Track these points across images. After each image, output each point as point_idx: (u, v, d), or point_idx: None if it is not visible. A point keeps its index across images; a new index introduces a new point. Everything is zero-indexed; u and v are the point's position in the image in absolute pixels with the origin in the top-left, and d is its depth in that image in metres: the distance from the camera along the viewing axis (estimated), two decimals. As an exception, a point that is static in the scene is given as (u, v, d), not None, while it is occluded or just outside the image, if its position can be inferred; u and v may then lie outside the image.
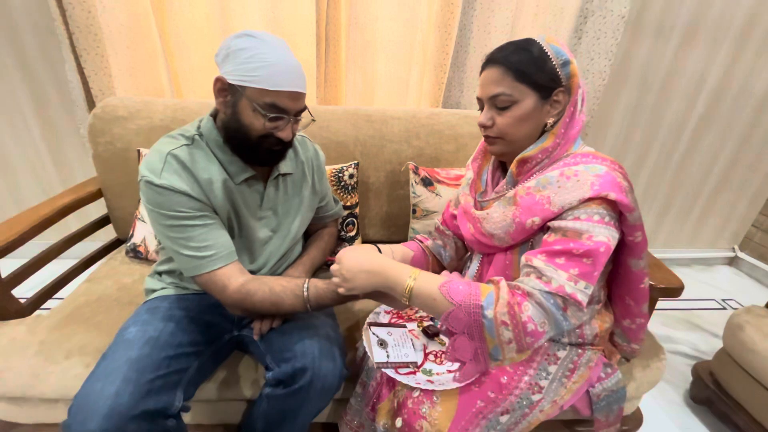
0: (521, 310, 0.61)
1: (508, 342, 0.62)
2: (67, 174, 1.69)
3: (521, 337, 0.61)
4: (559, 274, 0.62)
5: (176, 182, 0.72)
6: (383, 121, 1.28)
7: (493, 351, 0.64)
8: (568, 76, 0.68)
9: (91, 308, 1.02)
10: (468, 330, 0.63)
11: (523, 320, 0.61)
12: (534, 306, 0.61)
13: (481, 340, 0.64)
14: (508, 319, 0.61)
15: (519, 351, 0.63)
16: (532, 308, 0.61)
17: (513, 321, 0.61)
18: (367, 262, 0.70)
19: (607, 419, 0.91)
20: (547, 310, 0.61)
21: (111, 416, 0.59)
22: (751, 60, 1.64)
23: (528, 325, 0.61)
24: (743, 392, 1.12)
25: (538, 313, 0.61)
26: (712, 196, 1.98)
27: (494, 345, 0.63)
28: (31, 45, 1.44)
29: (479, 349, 0.65)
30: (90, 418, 0.59)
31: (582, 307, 0.62)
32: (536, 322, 0.61)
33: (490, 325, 0.62)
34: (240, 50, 0.69)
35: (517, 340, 0.61)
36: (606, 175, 0.65)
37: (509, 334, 0.61)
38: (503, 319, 0.61)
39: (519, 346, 0.62)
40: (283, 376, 0.73)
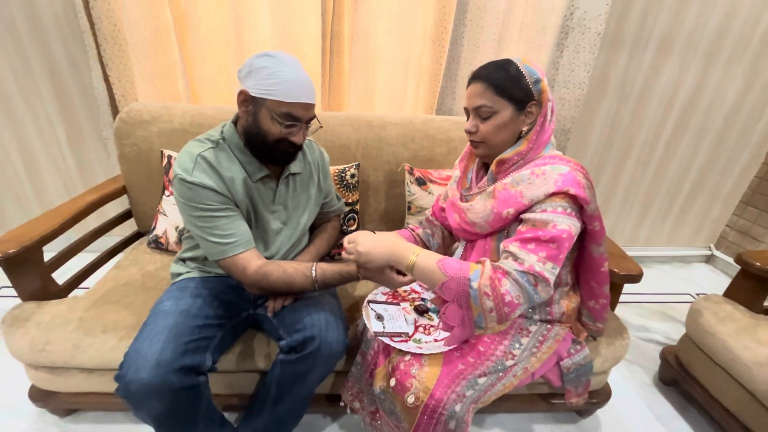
0: (501, 284, 0.74)
1: (489, 311, 0.75)
2: (89, 174, 1.81)
3: (500, 306, 0.74)
4: (530, 256, 0.75)
5: (205, 180, 0.85)
6: (382, 126, 1.41)
7: (477, 318, 0.77)
8: (539, 92, 0.82)
9: (120, 291, 1.14)
10: (457, 299, 0.77)
11: (502, 292, 0.73)
12: (511, 282, 0.74)
13: (467, 308, 0.77)
14: (490, 291, 0.74)
15: (499, 320, 0.76)
16: (509, 284, 0.74)
17: (494, 293, 0.74)
18: (380, 239, 0.84)
19: (576, 390, 1.04)
20: (521, 285, 0.74)
21: (158, 367, 0.72)
22: (721, 72, 1.78)
23: (506, 296, 0.73)
24: (703, 372, 1.25)
25: (514, 288, 0.74)
26: (689, 198, 2.12)
27: (478, 312, 0.76)
28: (61, 56, 1.57)
29: (466, 316, 0.78)
30: (141, 369, 0.72)
31: (549, 284, 0.75)
32: (512, 294, 0.74)
33: (475, 295, 0.75)
34: (261, 68, 0.81)
35: (497, 309, 0.74)
36: (568, 174, 0.78)
37: (490, 303, 0.74)
38: (486, 290, 0.74)
39: (499, 315, 0.75)
40: (295, 344, 0.85)
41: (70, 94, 1.64)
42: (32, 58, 1.56)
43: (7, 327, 0.99)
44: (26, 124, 1.68)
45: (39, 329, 0.99)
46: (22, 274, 1.03)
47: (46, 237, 1.04)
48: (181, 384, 0.75)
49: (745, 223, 2.13)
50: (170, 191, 1.29)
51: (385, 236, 0.88)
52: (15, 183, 1.81)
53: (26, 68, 1.58)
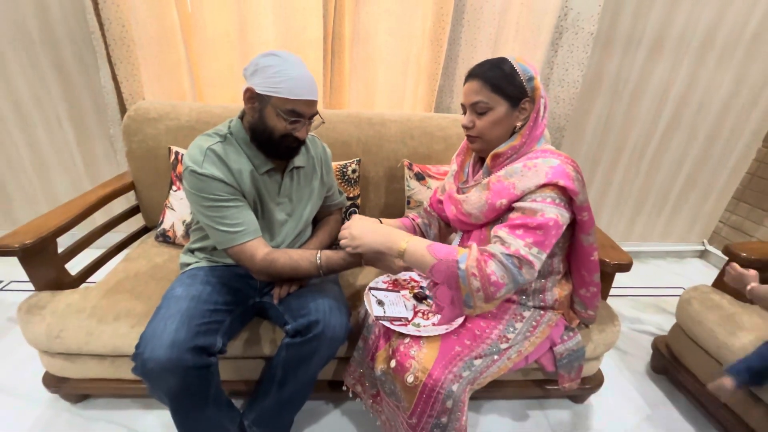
0: (486, 265, 0.78)
1: (477, 290, 0.79)
2: (96, 172, 1.86)
3: (486, 286, 0.78)
4: (517, 241, 0.80)
5: (214, 171, 0.89)
6: (382, 124, 1.46)
7: (466, 298, 0.81)
8: (533, 89, 0.86)
9: (131, 282, 1.19)
10: (447, 280, 0.81)
11: (488, 272, 0.78)
12: (496, 263, 0.79)
13: (456, 289, 0.81)
14: (477, 271, 0.78)
15: (486, 299, 0.80)
16: (494, 265, 0.79)
17: (480, 273, 0.78)
18: (371, 225, 0.89)
19: (569, 375, 1.09)
20: (506, 267, 0.79)
21: (173, 346, 0.77)
22: (711, 71, 1.83)
23: (491, 276, 0.78)
24: (692, 359, 1.30)
25: (499, 269, 0.79)
26: (682, 194, 2.17)
27: (467, 292, 0.80)
28: (70, 57, 1.61)
29: (455, 296, 0.83)
30: (158, 347, 0.76)
31: (533, 267, 0.80)
32: (498, 275, 0.78)
33: (463, 275, 0.79)
34: (267, 67, 0.86)
35: (483, 288, 0.79)
36: (558, 167, 0.83)
37: (477, 283, 0.79)
38: (473, 271, 0.78)
39: (486, 295, 0.79)
40: (300, 327, 0.90)
41: (78, 94, 1.68)
42: (42, 60, 1.61)
43: (24, 314, 1.03)
44: (36, 123, 1.73)
45: (54, 317, 1.03)
46: (38, 265, 1.08)
47: (60, 229, 1.08)
48: (194, 363, 0.79)
49: (737, 219, 2.18)
50: (178, 186, 1.33)
51: (375, 222, 0.92)
52: (24, 180, 1.86)
53: (36, 69, 1.62)
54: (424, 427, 0.85)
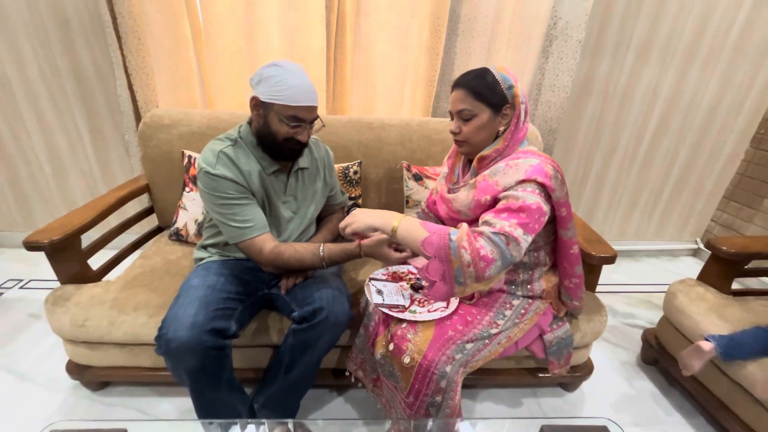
0: (476, 240, 0.85)
1: (467, 265, 0.84)
2: (110, 175, 1.95)
3: (476, 260, 0.83)
4: (502, 222, 0.86)
5: (226, 172, 0.98)
6: (382, 128, 1.54)
7: (457, 272, 0.86)
8: (513, 96, 0.93)
9: (148, 276, 1.27)
10: (438, 253, 0.86)
11: (477, 247, 0.84)
12: (485, 240, 0.85)
13: (447, 262, 0.86)
14: (467, 245, 0.84)
15: (477, 277, 0.85)
16: (483, 241, 0.85)
17: (470, 246, 0.84)
18: (368, 210, 0.96)
19: (558, 361, 1.16)
20: (495, 243, 0.84)
21: (193, 328, 0.85)
22: (697, 75, 1.91)
23: (481, 250, 0.83)
24: (679, 350, 1.34)
25: (488, 244, 0.84)
26: (674, 194, 2.23)
27: (457, 266, 0.85)
28: (88, 66, 1.72)
29: (446, 271, 0.87)
30: (179, 329, 0.85)
31: (520, 244, 0.85)
32: (487, 249, 0.83)
33: (454, 247, 0.84)
34: (270, 77, 0.95)
35: (474, 262, 0.84)
36: (537, 165, 0.90)
37: (468, 256, 0.84)
38: (463, 244, 0.84)
39: (476, 270, 0.84)
40: (306, 314, 0.98)
41: (95, 102, 1.79)
42: (62, 69, 1.72)
43: (50, 305, 1.12)
44: (55, 130, 1.83)
45: (78, 308, 1.12)
46: (63, 260, 1.17)
47: (84, 226, 1.17)
48: (212, 343, 0.87)
49: (728, 218, 2.24)
50: (190, 187, 1.42)
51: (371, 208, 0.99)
52: (42, 184, 1.96)
53: (57, 78, 1.73)
54: (420, 405, 0.92)
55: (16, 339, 1.49)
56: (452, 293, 0.89)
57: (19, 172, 1.92)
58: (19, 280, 1.84)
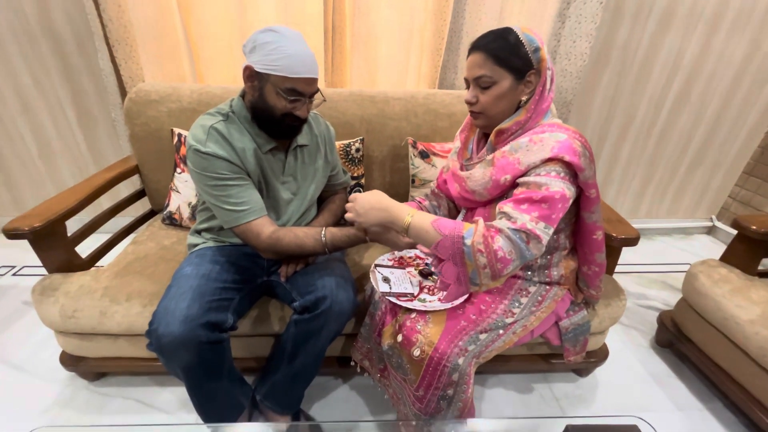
0: (493, 241, 0.78)
1: (483, 267, 0.79)
2: (99, 155, 1.86)
3: (493, 262, 0.78)
4: (523, 216, 0.79)
5: (218, 150, 0.89)
6: (385, 102, 1.44)
7: (472, 274, 0.81)
8: (539, 61, 0.83)
9: (141, 263, 1.20)
10: (452, 256, 0.81)
11: (495, 248, 0.77)
12: (504, 239, 0.78)
13: (462, 265, 0.81)
14: (483, 248, 0.78)
15: (493, 276, 0.81)
16: (502, 240, 0.78)
17: (487, 249, 0.78)
18: (375, 201, 0.88)
19: (574, 348, 1.10)
20: (513, 242, 0.78)
21: (186, 321, 0.79)
22: (723, 41, 1.77)
23: (498, 252, 0.77)
24: (697, 333, 1.30)
25: (506, 244, 0.78)
26: (690, 169, 2.14)
27: (473, 269, 0.80)
28: (68, 39, 1.59)
29: (461, 273, 0.83)
30: (171, 323, 0.78)
31: (541, 241, 0.79)
32: (505, 251, 0.78)
33: (469, 251, 0.79)
34: (265, 43, 0.84)
35: (490, 264, 0.78)
36: (565, 141, 0.81)
37: (484, 259, 0.78)
38: (479, 247, 0.78)
39: (492, 271, 0.79)
40: (307, 303, 0.91)
41: (78, 78, 1.67)
42: (41, 43, 1.60)
43: (38, 296, 1.05)
44: (39, 109, 1.73)
45: (67, 298, 1.05)
46: (48, 248, 1.10)
47: (68, 212, 1.09)
48: (207, 338, 0.81)
49: (746, 194, 2.14)
50: (182, 168, 1.34)
51: (379, 198, 0.89)
52: (30, 166, 1.87)
53: (36, 53, 1.61)
54: (430, 399, 0.87)
55: (10, 328, 1.44)
56: (467, 293, 0.83)
57: (4, 154, 1.83)
58: (11, 266, 1.79)
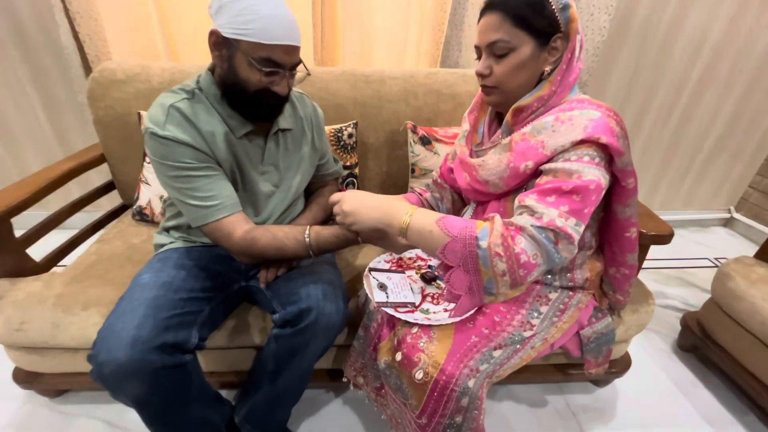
0: (514, 242, 0.64)
1: (501, 274, 0.65)
2: (67, 141, 1.70)
3: (514, 268, 0.64)
4: (550, 210, 0.65)
5: (179, 134, 0.74)
6: (381, 82, 1.28)
7: (488, 284, 0.67)
8: (567, 21, 0.68)
9: (104, 265, 1.06)
10: (463, 262, 0.67)
11: (516, 252, 0.63)
12: (527, 239, 0.64)
13: (475, 273, 0.67)
14: (502, 251, 0.63)
15: (513, 285, 0.66)
16: (525, 241, 0.64)
17: (507, 252, 0.63)
18: (367, 198, 0.74)
19: (596, 360, 0.96)
20: (539, 242, 0.64)
21: (135, 345, 0.64)
22: (755, 16, 1.61)
23: (521, 256, 0.63)
24: (728, 337, 1.17)
25: (530, 246, 0.64)
26: (710, 157, 1.99)
27: (488, 277, 0.66)
28: (25, 10, 1.42)
29: (474, 282, 0.68)
30: (116, 348, 0.64)
31: (573, 241, 0.65)
32: (529, 254, 0.64)
33: (485, 256, 0.64)
34: (233, 2, 0.68)
35: (510, 271, 0.64)
36: (599, 120, 0.67)
37: (503, 265, 0.64)
38: (497, 250, 0.64)
39: (512, 279, 0.65)
40: (289, 317, 0.77)
41: (39, 55, 1.50)
42: (-6, 15, 1.42)
43: (-21, 306, 0.91)
44: (-5, 90, 1.56)
45: (13, 308, 0.91)
46: (-9, 250, 0.95)
47: (11, 209, 0.94)
48: (162, 363, 0.67)
49: (768, 183, 2.01)
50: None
51: (372, 195, 0.76)
52: (-9, 155, 1.70)
53: (-12, 27, 1.44)
54: (435, 428, 0.73)
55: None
56: (480, 304, 0.69)
57: (-37, 143, 1.67)
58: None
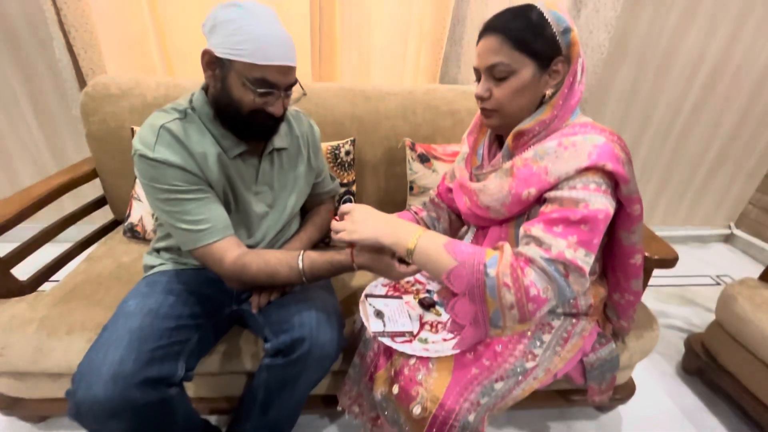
0: (524, 273, 0.61)
1: (509, 307, 0.62)
2: (62, 155, 1.67)
3: (523, 302, 0.61)
4: (558, 241, 0.62)
5: (170, 156, 0.71)
6: (380, 98, 1.26)
7: (494, 316, 0.64)
8: (568, 45, 0.67)
9: (91, 286, 1.02)
10: (469, 290, 0.64)
11: (526, 284, 0.61)
12: (537, 271, 0.61)
13: (482, 302, 0.64)
14: (511, 282, 0.61)
15: (521, 319, 0.63)
16: (534, 273, 0.61)
17: (515, 284, 0.61)
18: (378, 214, 0.72)
19: (600, 387, 0.93)
20: (550, 275, 0.61)
21: (116, 381, 0.61)
22: (752, 36, 1.62)
23: (531, 289, 0.61)
24: (735, 362, 1.14)
25: (540, 279, 0.61)
26: (709, 174, 1.98)
27: (495, 308, 0.63)
28: (20, 24, 1.40)
29: (480, 313, 0.65)
30: (95, 384, 0.60)
31: (584, 273, 0.63)
32: (539, 287, 0.61)
33: (492, 285, 0.62)
34: (226, 21, 0.67)
35: (519, 305, 0.61)
36: (604, 146, 0.65)
37: (511, 297, 0.61)
38: (505, 280, 0.61)
39: (521, 313, 0.62)
40: (281, 346, 0.74)
41: (33, 67, 1.48)
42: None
43: (-41, 329, 0.87)
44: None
45: (-5, 331, 0.87)
46: (-27, 271, 0.91)
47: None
48: (145, 400, 0.63)
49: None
50: (144, 173, 1.15)
51: (381, 212, 0.74)
52: (-17, 168, 1.67)
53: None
54: (434, 464, 0.70)
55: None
56: (485, 337, 0.66)
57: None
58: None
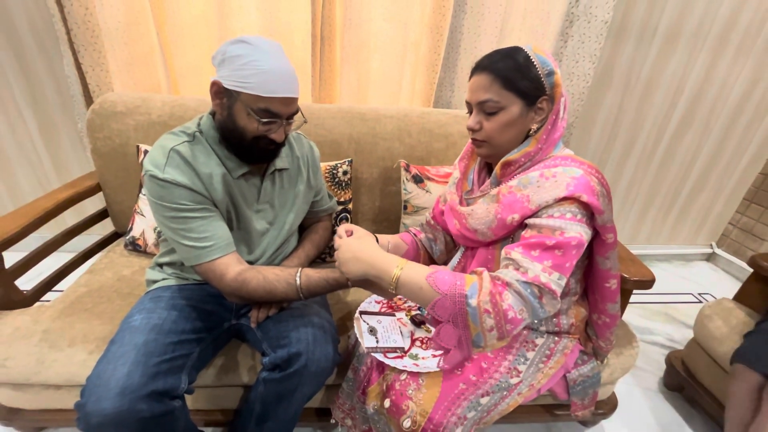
0: (502, 299, 0.66)
1: (489, 329, 0.67)
2: (64, 169, 1.70)
3: (502, 324, 0.66)
4: (534, 265, 0.68)
5: (178, 176, 0.76)
6: (376, 120, 1.32)
7: (476, 338, 0.69)
8: (552, 86, 0.73)
9: (93, 298, 1.05)
10: (453, 318, 0.69)
11: (504, 308, 0.66)
12: (513, 295, 0.67)
13: (465, 328, 0.69)
14: (491, 308, 0.66)
15: (500, 338, 0.69)
16: (512, 297, 0.66)
17: (495, 309, 0.66)
18: (358, 250, 0.75)
19: (582, 402, 0.98)
20: (525, 298, 0.67)
21: (124, 395, 0.64)
22: (728, 64, 1.71)
23: (508, 312, 0.66)
24: (710, 378, 1.20)
25: (517, 302, 0.67)
26: (691, 195, 2.06)
27: (477, 332, 0.68)
28: (29, 41, 1.45)
29: (463, 337, 0.70)
30: (104, 397, 0.63)
31: (556, 296, 0.68)
32: (515, 309, 0.66)
33: (474, 313, 0.67)
34: (235, 57, 0.72)
35: (498, 327, 0.67)
36: (581, 178, 0.70)
37: (491, 321, 0.66)
38: (486, 307, 0.66)
39: (500, 333, 0.68)
40: (279, 361, 0.78)
41: (40, 84, 1.52)
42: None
43: (-38, 340, 0.90)
44: (-7, 116, 1.57)
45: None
46: (-22, 283, 0.94)
47: (4, 242, 0.94)
48: (151, 412, 0.66)
49: (748, 221, 2.08)
50: (147, 189, 1.19)
51: (363, 247, 0.77)
52: (-15, 178, 1.70)
53: (-9, 55, 1.46)
54: (423, 476, 0.73)
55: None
56: (469, 357, 0.71)
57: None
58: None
